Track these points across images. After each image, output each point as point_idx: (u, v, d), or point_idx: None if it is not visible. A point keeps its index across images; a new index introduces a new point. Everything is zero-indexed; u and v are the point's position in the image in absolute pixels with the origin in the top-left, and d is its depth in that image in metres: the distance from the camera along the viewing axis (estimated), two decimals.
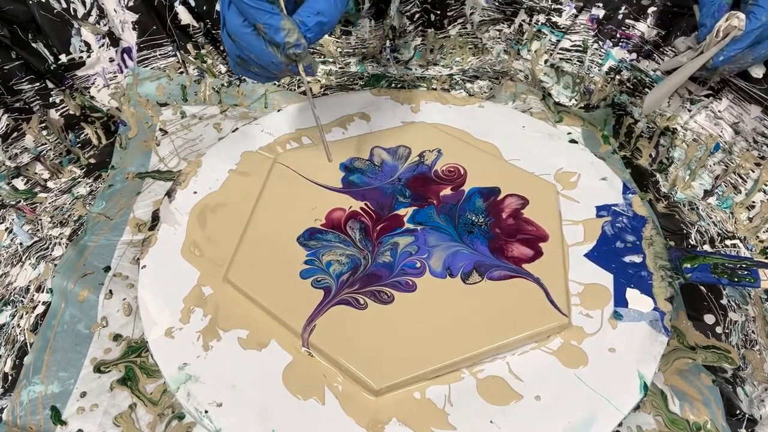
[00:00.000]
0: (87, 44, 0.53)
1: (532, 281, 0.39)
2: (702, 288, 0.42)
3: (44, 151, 0.51)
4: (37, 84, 0.51)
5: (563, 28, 0.55)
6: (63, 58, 0.52)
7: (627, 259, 0.41)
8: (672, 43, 0.45)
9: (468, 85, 0.58)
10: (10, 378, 0.37)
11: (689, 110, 0.50)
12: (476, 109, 0.54)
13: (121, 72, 0.55)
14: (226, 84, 0.56)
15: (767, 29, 0.39)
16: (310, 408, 0.34)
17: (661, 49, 0.51)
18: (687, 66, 0.43)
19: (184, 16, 0.54)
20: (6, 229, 0.46)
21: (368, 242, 0.41)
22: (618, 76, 0.54)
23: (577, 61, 0.56)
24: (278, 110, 0.53)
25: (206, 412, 0.34)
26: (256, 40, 0.34)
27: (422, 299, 0.38)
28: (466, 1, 0.57)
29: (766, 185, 0.46)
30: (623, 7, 0.52)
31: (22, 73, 0.50)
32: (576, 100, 0.57)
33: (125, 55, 0.55)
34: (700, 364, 0.38)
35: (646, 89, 0.52)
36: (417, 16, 0.58)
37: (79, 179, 0.51)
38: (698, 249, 0.45)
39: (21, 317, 0.40)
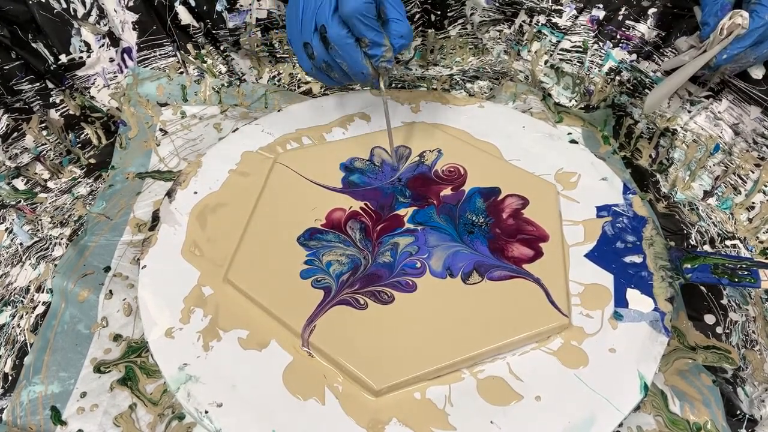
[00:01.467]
0: (87, 44, 0.53)
1: (533, 281, 0.39)
2: (702, 288, 0.42)
3: (44, 151, 0.51)
4: (37, 84, 0.51)
5: (563, 28, 0.55)
6: (63, 58, 0.52)
7: (627, 259, 0.41)
8: (673, 43, 0.45)
9: (468, 85, 0.58)
10: (10, 378, 0.37)
11: (689, 111, 0.50)
12: (476, 110, 0.54)
13: (121, 72, 0.55)
14: (226, 84, 0.56)
15: None
16: (310, 408, 0.34)
17: (661, 50, 0.51)
18: (689, 65, 0.43)
19: (184, 16, 0.54)
20: (6, 229, 0.46)
21: (368, 242, 0.41)
22: (618, 77, 0.54)
23: (578, 61, 0.56)
24: (278, 110, 0.53)
25: (206, 412, 0.34)
26: (355, 51, 0.38)
27: (422, 299, 0.38)
28: (466, 1, 0.57)
29: (765, 186, 0.46)
30: (623, 8, 0.52)
31: (22, 73, 0.50)
32: (576, 100, 0.57)
33: (125, 55, 0.55)
34: (700, 364, 0.38)
35: (646, 90, 0.53)
36: (417, 16, 0.58)
37: (79, 179, 0.51)
38: (698, 249, 0.45)
39: (21, 317, 0.40)
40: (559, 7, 0.55)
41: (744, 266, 0.39)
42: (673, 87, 0.45)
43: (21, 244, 0.45)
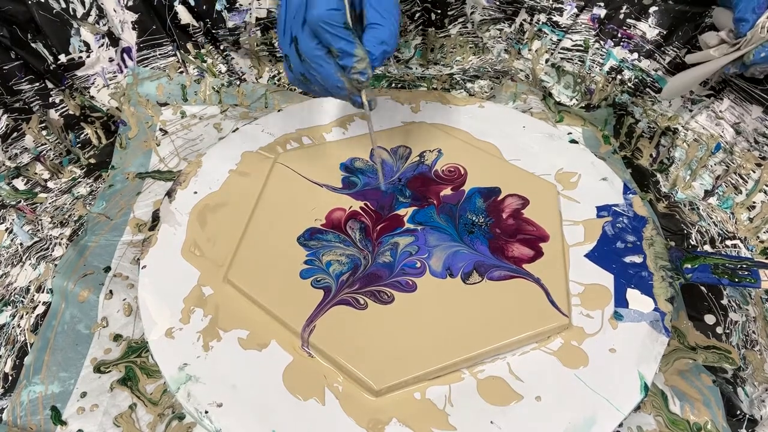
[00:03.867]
0: (86, 44, 0.53)
1: (533, 281, 0.39)
2: (702, 288, 0.42)
3: (44, 151, 0.51)
4: (37, 84, 0.51)
5: (564, 27, 0.55)
6: (62, 58, 0.52)
7: (627, 259, 0.41)
8: (701, 36, 0.44)
9: (468, 84, 0.58)
10: (10, 378, 0.38)
11: (690, 110, 0.50)
12: (476, 109, 0.54)
13: (121, 72, 0.55)
14: (226, 84, 0.56)
15: None
16: (310, 408, 0.34)
17: (662, 49, 0.51)
18: (719, 59, 0.42)
19: (184, 16, 0.54)
20: (6, 229, 0.46)
21: (368, 242, 0.41)
22: (619, 76, 0.54)
23: (578, 60, 0.56)
24: (278, 110, 0.53)
25: (206, 412, 0.34)
26: (326, 62, 0.35)
27: (422, 299, 0.38)
28: (466, 0, 0.57)
29: (766, 186, 0.46)
30: (625, 7, 0.52)
31: (22, 73, 0.50)
32: (577, 99, 0.57)
33: (125, 55, 0.55)
34: (700, 364, 0.38)
35: (648, 89, 0.52)
36: (417, 15, 0.58)
37: (79, 179, 0.51)
38: (699, 249, 0.45)
39: (21, 317, 0.40)
40: (560, 6, 0.55)
41: (744, 266, 0.39)
42: (697, 78, 0.43)
43: (21, 244, 0.45)
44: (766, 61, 0.40)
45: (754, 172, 0.46)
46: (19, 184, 0.49)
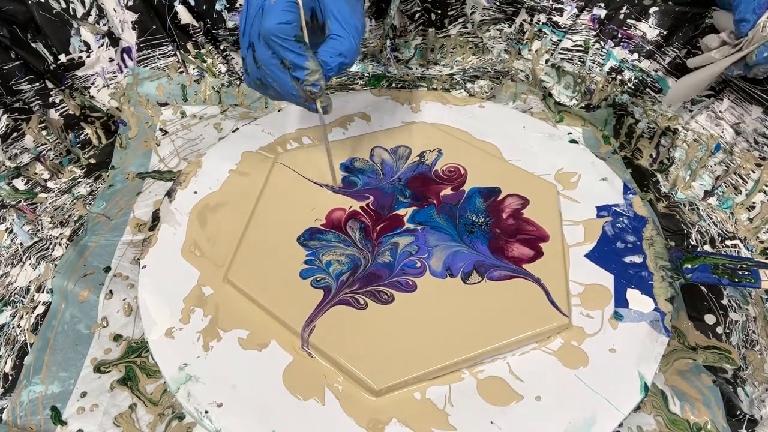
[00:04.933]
0: (86, 44, 0.53)
1: (533, 281, 0.39)
2: (702, 288, 0.42)
3: (44, 151, 0.51)
4: (37, 84, 0.51)
5: (564, 27, 0.55)
6: (62, 58, 0.52)
7: (627, 259, 0.41)
8: (702, 40, 0.44)
9: (468, 84, 0.58)
10: (10, 378, 0.37)
11: (690, 110, 0.50)
12: (476, 109, 0.54)
13: (121, 72, 0.55)
14: (226, 84, 0.56)
15: None
16: (310, 408, 0.34)
17: (662, 49, 0.51)
18: (721, 61, 0.42)
19: (184, 16, 0.54)
20: (6, 229, 0.46)
21: (368, 242, 0.41)
22: (619, 76, 0.54)
23: (579, 61, 0.56)
24: (278, 110, 0.53)
25: (206, 412, 0.34)
26: (281, 72, 0.36)
27: (422, 299, 0.38)
28: (466, 0, 0.57)
29: (766, 186, 0.46)
30: (625, 7, 0.52)
31: (22, 73, 0.50)
32: (577, 100, 0.57)
33: (125, 55, 0.55)
34: (700, 364, 0.38)
35: (648, 89, 0.52)
36: (417, 15, 0.58)
37: (79, 179, 0.51)
38: (699, 249, 0.45)
39: (21, 317, 0.40)
40: (560, 6, 0.55)
41: (744, 266, 0.39)
42: (701, 82, 0.43)
43: (21, 244, 0.45)
44: None
45: (754, 172, 0.46)
46: (19, 184, 0.49)
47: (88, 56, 0.53)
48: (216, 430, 0.33)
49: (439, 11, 0.57)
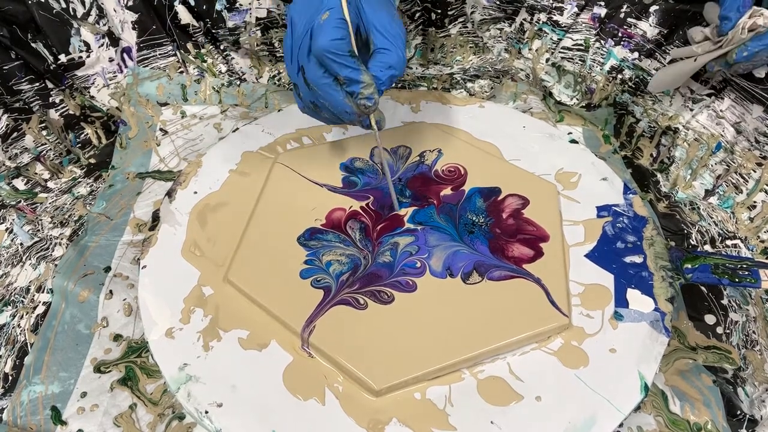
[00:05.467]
0: (86, 44, 0.53)
1: (533, 281, 0.39)
2: (703, 288, 0.42)
3: (44, 151, 0.51)
4: (37, 84, 0.51)
5: (565, 26, 0.55)
6: (62, 58, 0.52)
7: (628, 259, 0.41)
8: (687, 31, 0.44)
9: (469, 84, 0.58)
10: (10, 378, 0.38)
11: (691, 109, 0.50)
12: (477, 109, 0.54)
13: (121, 72, 0.55)
14: (226, 84, 0.56)
15: None
16: (311, 408, 0.34)
17: (663, 48, 0.51)
18: (702, 57, 0.42)
19: (184, 16, 0.54)
20: (6, 229, 0.46)
21: (368, 242, 0.41)
22: (620, 76, 0.54)
23: (579, 60, 0.55)
24: (279, 110, 0.53)
25: (206, 412, 0.34)
26: (333, 90, 0.36)
27: (422, 299, 0.38)
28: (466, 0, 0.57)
29: (767, 185, 0.46)
30: (625, 6, 0.52)
31: (22, 73, 0.50)
32: (577, 99, 0.56)
33: (125, 55, 0.55)
34: (700, 364, 0.38)
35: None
36: (418, 14, 0.58)
37: (80, 179, 0.51)
38: (699, 249, 0.45)
39: (21, 317, 0.41)
40: (561, 5, 0.55)
41: (744, 266, 0.39)
42: (683, 73, 0.44)
43: (21, 244, 0.45)
44: (747, 60, 0.40)
45: (755, 171, 0.46)
46: (19, 184, 0.49)
47: (88, 56, 0.53)
48: (216, 430, 0.33)
49: (440, 11, 0.57)
